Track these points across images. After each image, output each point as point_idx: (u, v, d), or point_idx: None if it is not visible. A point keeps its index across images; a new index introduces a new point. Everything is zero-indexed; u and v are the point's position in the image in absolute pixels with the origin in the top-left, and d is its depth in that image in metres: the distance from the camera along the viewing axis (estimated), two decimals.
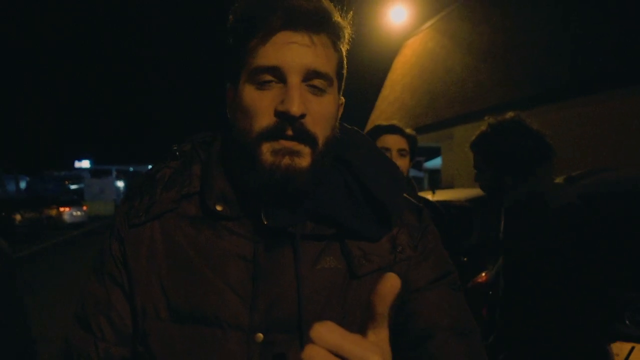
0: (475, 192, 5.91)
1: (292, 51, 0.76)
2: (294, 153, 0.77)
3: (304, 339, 0.75)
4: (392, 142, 2.19)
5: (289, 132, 0.76)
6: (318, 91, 0.79)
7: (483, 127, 2.11)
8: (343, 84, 0.87)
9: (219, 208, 0.82)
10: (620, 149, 6.67)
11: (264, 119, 0.77)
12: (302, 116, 0.76)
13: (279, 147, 0.77)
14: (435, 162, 21.27)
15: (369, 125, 14.11)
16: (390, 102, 15.07)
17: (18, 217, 17.43)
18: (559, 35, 8.24)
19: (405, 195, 0.92)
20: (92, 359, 0.84)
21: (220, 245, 0.81)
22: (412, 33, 15.60)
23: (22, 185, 39.15)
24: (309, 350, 0.47)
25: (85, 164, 53.72)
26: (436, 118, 11.52)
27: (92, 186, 36.82)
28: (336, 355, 0.47)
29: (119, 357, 0.84)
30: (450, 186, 10.22)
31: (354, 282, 0.82)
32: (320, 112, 0.79)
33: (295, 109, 0.74)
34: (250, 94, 0.79)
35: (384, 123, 2.30)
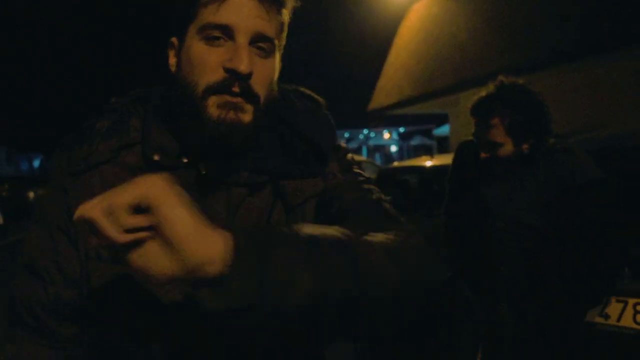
0: None
1: (243, 12, 0.81)
2: (239, 108, 0.82)
3: None
4: None
5: (236, 89, 0.81)
6: (264, 53, 0.85)
7: (489, 91, 2.07)
8: (282, 50, 0.92)
9: (156, 158, 0.86)
10: (632, 109, 6.59)
11: (213, 74, 0.82)
12: (249, 75, 0.81)
13: (224, 101, 0.82)
14: (444, 130, 21.10)
15: (377, 91, 13.76)
16: (397, 69, 14.89)
17: (31, 194, 17.71)
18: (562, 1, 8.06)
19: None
20: (42, 303, 0.86)
21: None
22: None
23: (36, 164, 39.60)
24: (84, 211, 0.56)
25: None
26: (442, 84, 11.37)
27: None
28: (112, 211, 0.55)
29: (68, 299, 0.86)
30: None
31: (289, 215, 0.90)
32: (265, 73, 0.85)
33: (243, 67, 0.79)
34: (199, 48, 0.83)
35: None
